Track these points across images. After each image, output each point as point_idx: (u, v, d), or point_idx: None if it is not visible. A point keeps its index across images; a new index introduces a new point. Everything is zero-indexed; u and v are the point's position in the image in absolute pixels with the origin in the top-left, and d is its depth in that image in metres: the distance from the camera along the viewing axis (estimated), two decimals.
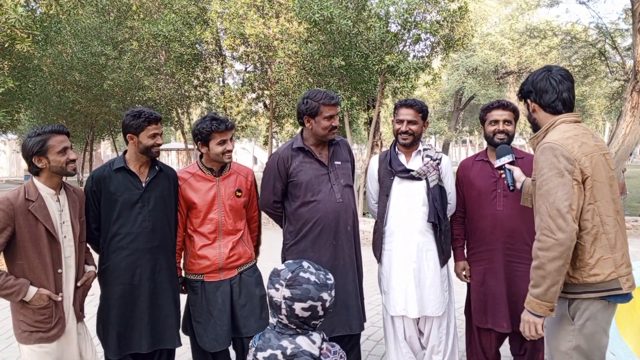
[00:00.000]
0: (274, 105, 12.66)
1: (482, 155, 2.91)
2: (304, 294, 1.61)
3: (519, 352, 2.87)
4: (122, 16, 12.93)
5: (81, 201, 2.48)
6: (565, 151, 1.82)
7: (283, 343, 1.63)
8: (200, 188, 2.73)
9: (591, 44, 15.36)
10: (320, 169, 2.75)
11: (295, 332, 1.65)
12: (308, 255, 2.73)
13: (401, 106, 2.83)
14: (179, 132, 16.38)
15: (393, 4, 8.13)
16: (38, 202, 2.23)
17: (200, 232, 2.74)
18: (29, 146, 2.23)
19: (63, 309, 2.31)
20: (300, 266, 1.67)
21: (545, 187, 1.83)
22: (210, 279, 2.74)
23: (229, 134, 2.70)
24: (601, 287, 1.84)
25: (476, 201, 2.82)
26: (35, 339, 2.22)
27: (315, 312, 1.63)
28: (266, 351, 1.63)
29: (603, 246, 1.85)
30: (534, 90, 1.96)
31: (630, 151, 9.79)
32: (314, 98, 2.67)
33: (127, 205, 2.58)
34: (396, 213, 2.83)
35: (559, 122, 1.93)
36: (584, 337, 1.87)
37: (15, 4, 6.61)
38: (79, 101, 14.70)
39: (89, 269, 2.49)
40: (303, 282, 1.63)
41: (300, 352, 1.60)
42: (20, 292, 2.17)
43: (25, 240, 2.20)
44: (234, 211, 2.78)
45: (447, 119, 27.49)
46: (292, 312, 1.62)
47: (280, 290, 1.64)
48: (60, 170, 2.28)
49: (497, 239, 2.74)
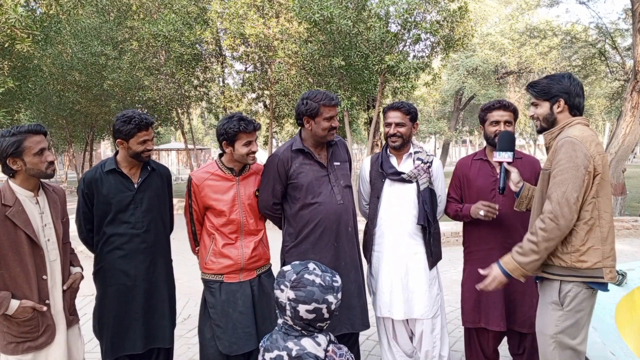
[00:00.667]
0: (274, 105, 12.66)
1: (481, 154, 2.90)
2: (308, 296, 1.60)
3: (518, 352, 2.87)
4: (122, 16, 12.94)
5: (62, 201, 2.36)
6: (584, 147, 2.02)
7: (288, 344, 1.62)
8: (219, 188, 2.67)
9: (591, 44, 15.36)
10: (320, 171, 2.74)
11: (301, 334, 1.64)
12: (309, 257, 2.71)
13: (389, 109, 2.85)
14: (179, 132, 16.39)
15: (393, 4, 8.13)
16: (16, 206, 2.08)
17: (222, 231, 2.69)
18: (3, 147, 2.06)
19: (51, 315, 2.21)
20: (306, 268, 1.66)
21: (560, 177, 2.02)
22: (230, 279, 2.67)
23: (255, 135, 2.66)
24: (586, 274, 2.05)
25: (475, 200, 2.82)
26: (23, 349, 2.12)
27: (320, 314, 1.61)
28: (273, 352, 1.63)
29: (595, 237, 2.05)
30: (568, 92, 2.17)
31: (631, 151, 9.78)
32: (313, 99, 2.65)
33: (119, 207, 2.54)
34: (387, 215, 2.84)
35: (576, 123, 2.15)
36: (570, 320, 2.08)
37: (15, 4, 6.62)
38: (79, 101, 14.70)
39: (75, 271, 2.39)
40: (307, 284, 1.61)
41: (305, 354, 1.59)
42: (1, 307, 2.04)
43: (4, 248, 2.06)
44: (253, 211, 2.74)
45: (447, 119, 27.50)
46: (296, 313, 1.61)
47: (285, 291, 1.64)
48: (38, 172, 2.14)
49: (495, 239, 2.74)
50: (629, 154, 9.59)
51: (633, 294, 3.29)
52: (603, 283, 2.07)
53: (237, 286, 2.67)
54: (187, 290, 5.36)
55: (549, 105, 2.21)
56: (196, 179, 2.69)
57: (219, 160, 2.74)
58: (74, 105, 15.15)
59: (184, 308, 4.91)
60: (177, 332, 4.08)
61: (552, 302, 2.11)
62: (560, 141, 2.08)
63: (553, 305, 2.10)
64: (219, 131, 2.64)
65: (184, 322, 4.51)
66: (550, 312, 2.11)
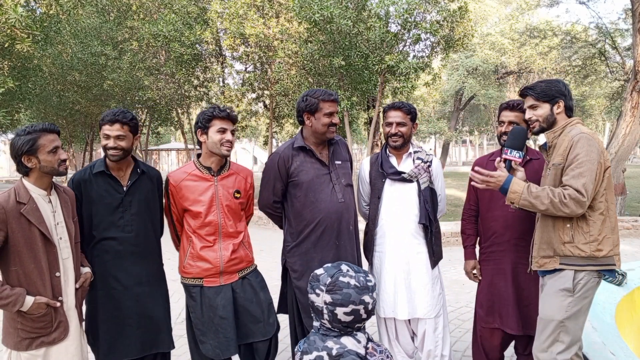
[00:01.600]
0: (274, 105, 12.67)
1: (497, 155, 2.90)
2: (345, 298, 1.60)
3: (524, 352, 2.86)
4: (122, 16, 12.94)
5: (72, 201, 2.40)
6: (596, 143, 2.19)
7: (328, 344, 1.62)
8: (196, 188, 2.60)
9: (591, 44, 15.36)
10: (322, 169, 2.74)
11: (339, 334, 1.65)
12: (311, 256, 2.71)
13: (389, 109, 2.85)
14: (179, 132, 16.39)
15: (393, 4, 8.13)
16: (30, 204, 2.15)
17: (199, 233, 2.62)
18: (18, 145, 2.14)
19: (64, 312, 2.25)
20: (339, 270, 1.66)
21: (578, 170, 2.15)
22: (210, 283, 2.61)
23: (230, 124, 2.60)
24: (602, 262, 2.19)
25: (489, 201, 2.82)
26: (37, 344, 2.17)
27: (358, 315, 1.62)
28: (312, 354, 1.62)
29: (607, 227, 2.21)
30: (565, 95, 2.32)
31: (631, 151, 9.78)
32: (312, 95, 2.68)
33: (108, 210, 2.50)
34: (388, 215, 2.83)
35: (576, 122, 2.32)
36: (578, 306, 2.22)
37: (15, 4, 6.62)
38: (79, 101, 14.70)
39: (85, 271, 2.43)
40: (343, 287, 1.61)
41: (346, 351, 1.60)
42: (16, 303, 2.10)
43: (19, 245, 2.12)
44: (232, 212, 2.66)
45: (447, 119, 27.50)
46: (334, 317, 1.62)
47: (320, 295, 1.64)
48: (52, 170, 2.20)
49: (508, 240, 2.74)
50: (629, 154, 9.58)
51: (633, 294, 3.29)
52: (612, 270, 2.23)
53: (218, 290, 2.61)
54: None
55: (549, 106, 2.32)
56: (173, 180, 2.63)
57: (196, 160, 2.68)
58: (74, 105, 15.14)
59: (184, 308, 4.90)
60: (177, 332, 4.09)
61: (564, 289, 2.21)
62: (577, 137, 2.20)
63: (564, 292, 2.21)
64: (196, 120, 2.62)
65: (184, 322, 4.49)
66: (560, 299, 2.22)
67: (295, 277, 2.77)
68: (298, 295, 2.76)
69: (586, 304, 2.25)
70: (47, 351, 2.22)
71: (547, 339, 2.25)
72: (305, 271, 2.71)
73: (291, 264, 2.78)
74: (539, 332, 2.29)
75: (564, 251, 2.21)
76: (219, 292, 2.61)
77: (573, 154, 2.18)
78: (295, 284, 2.77)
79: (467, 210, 3.00)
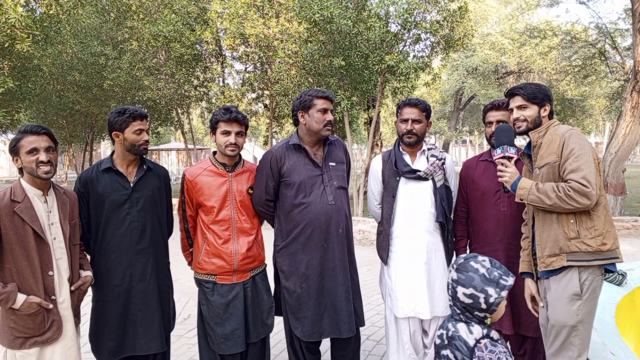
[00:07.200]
0: (274, 105, 12.66)
1: (486, 155, 2.90)
2: (467, 280, 1.72)
3: (519, 352, 2.86)
4: (122, 16, 12.91)
5: (72, 203, 2.41)
6: (586, 137, 2.25)
7: (448, 325, 1.77)
8: (212, 183, 2.68)
9: (591, 44, 15.34)
10: (314, 170, 2.72)
11: (459, 318, 1.76)
12: (299, 257, 2.69)
13: (405, 105, 2.81)
14: (179, 132, 16.38)
15: (393, 4, 8.13)
16: (24, 203, 2.18)
17: (214, 230, 2.68)
18: (9, 145, 2.23)
19: (58, 312, 2.26)
20: (475, 257, 1.79)
21: (576, 164, 2.17)
22: (223, 281, 2.68)
23: (235, 126, 2.64)
24: (607, 255, 2.20)
25: (480, 201, 2.82)
26: (30, 344, 2.17)
27: (477, 302, 1.70)
28: (439, 330, 1.81)
29: (608, 221, 2.24)
30: (551, 99, 2.40)
31: (631, 151, 9.78)
32: (306, 93, 2.72)
33: (115, 206, 2.52)
34: (404, 214, 2.80)
35: (557, 123, 2.37)
36: (587, 307, 2.22)
37: (15, 4, 6.62)
38: (79, 101, 14.68)
39: (85, 274, 2.43)
40: (470, 270, 1.73)
41: (457, 336, 1.70)
42: (8, 300, 2.12)
43: (12, 242, 2.14)
44: (245, 208, 2.72)
45: (447, 119, 27.49)
46: (455, 294, 1.75)
47: (451, 272, 1.80)
48: (31, 171, 2.20)
49: (501, 240, 2.74)
50: (629, 154, 9.58)
51: (633, 294, 3.30)
52: (614, 265, 2.26)
53: (230, 288, 2.68)
54: (187, 290, 5.36)
55: (537, 108, 2.37)
56: (189, 175, 2.73)
57: (212, 157, 2.77)
58: (74, 105, 15.13)
59: (184, 308, 4.91)
60: (177, 332, 4.10)
61: (573, 294, 2.21)
62: (567, 133, 2.24)
63: (573, 296, 2.21)
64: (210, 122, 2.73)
65: (184, 322, 4.50)
66: (569, 304, 2.22)
67: (283, 278, 2.76)
68: (285, 295, 2.75)
69: (594, 304, 2.25)
70: (42, 351, 2.22)
71: (561, 345, 2.26)
72: (293, 272, 2.70)
73: (280, 264, 2.78)
74: (552, 339, 2.28)
75: (571, 247, 2.20)
76: (231, 290, 2.68)
77: (567, 149, 2.21)
78: (284, 284, 2.76)
79: (457, 212, 2.99)
